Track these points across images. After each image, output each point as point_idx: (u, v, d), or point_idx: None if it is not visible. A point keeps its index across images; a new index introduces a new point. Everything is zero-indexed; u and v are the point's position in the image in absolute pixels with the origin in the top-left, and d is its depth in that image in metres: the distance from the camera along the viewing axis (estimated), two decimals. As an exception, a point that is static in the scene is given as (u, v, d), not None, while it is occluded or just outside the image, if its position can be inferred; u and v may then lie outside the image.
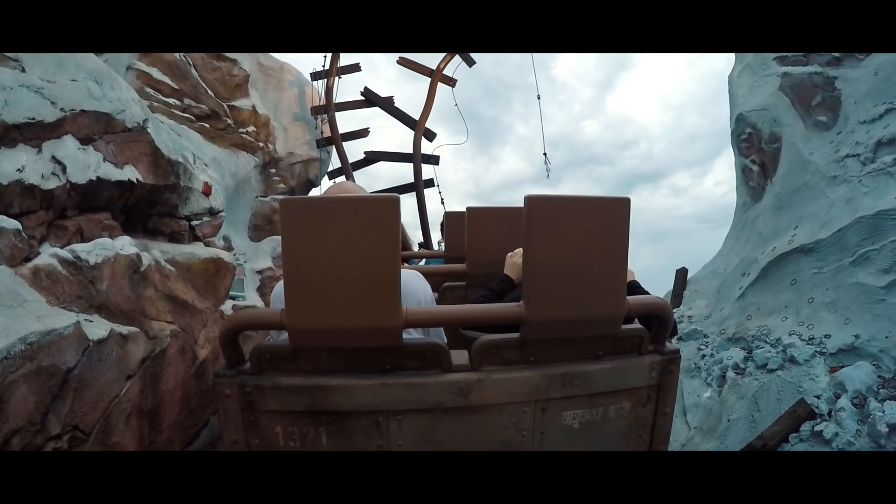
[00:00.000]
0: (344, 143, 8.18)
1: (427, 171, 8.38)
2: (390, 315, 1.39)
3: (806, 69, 4.73)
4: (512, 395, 1.50)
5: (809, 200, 4.38)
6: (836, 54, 4.50)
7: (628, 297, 1.55)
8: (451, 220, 3.12)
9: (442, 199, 8.94)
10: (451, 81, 8.47)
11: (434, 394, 1.46)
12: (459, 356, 1.54)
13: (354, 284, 1.36)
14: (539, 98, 8.53)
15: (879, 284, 3.55)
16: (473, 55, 8.40)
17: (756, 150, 5.24)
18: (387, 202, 1.36)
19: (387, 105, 8.46)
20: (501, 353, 1.51)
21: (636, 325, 1.68)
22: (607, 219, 1.47)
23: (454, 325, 1.84)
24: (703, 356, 4.74)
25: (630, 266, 1.60)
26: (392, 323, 1.40)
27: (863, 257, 3.72)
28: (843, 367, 3.51)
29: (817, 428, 3.29)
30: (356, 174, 8.26)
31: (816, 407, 3.41)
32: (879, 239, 3.66)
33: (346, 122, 8.54)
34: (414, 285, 1.75)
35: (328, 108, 8.14)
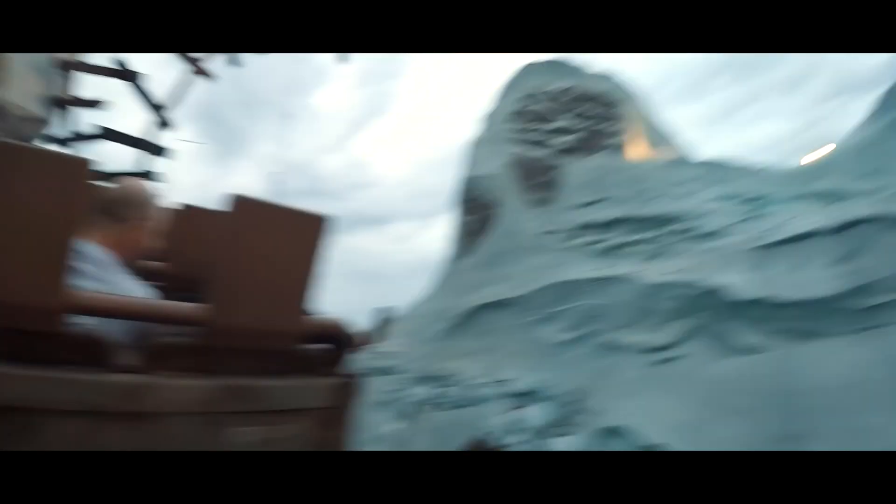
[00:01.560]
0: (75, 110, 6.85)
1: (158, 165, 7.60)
2: (50, 293, 1.17)
3: (536, 153, 5.48)
4: (183, 404, 1.33)
5: (513, 263, 5.02)
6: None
7: (309, 316, 1.52)
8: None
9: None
10: (205, 73, 7.81)
11: (96, 394, 1.22)
12: (130, 355, 1.32)
13: (17, 252, 1.14)
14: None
15: (561, 339, 4.18)
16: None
17: (477, 211, 5.84)
18: (72, 162, 1.20)
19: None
20: (176, 357, 1.34)
21: (318, 345, 1.62)
22: (303, 233, 1.43)
23: (131, 318, 1.52)
24: (397, 390, 4.96)
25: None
26: (50, 303, 1.17)
27: (550, 316, 4.35)
28: (522, 407, 3.99)
29: (494, 461, 3.64)
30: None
31: (495, 441, 3.78)
32: (564, 302, 4.33)
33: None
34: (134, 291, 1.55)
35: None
